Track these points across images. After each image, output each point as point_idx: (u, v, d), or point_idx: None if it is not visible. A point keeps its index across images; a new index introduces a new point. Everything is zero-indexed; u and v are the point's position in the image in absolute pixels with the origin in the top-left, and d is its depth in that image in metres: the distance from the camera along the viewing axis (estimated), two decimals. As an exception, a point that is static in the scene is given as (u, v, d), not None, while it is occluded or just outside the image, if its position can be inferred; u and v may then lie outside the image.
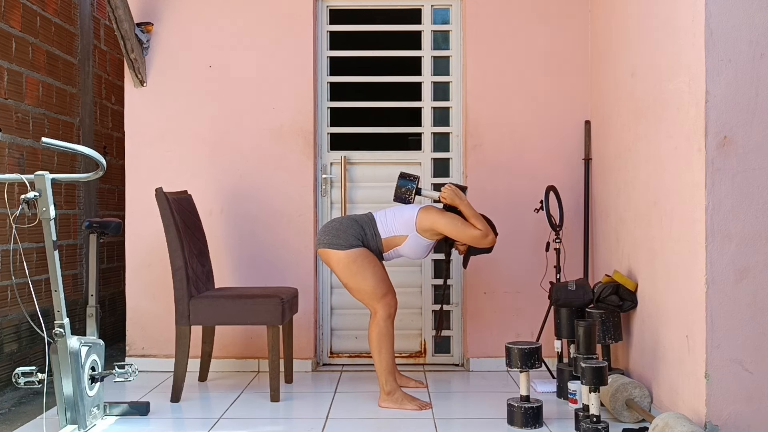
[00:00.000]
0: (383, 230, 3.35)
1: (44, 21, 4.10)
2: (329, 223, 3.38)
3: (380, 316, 3.29)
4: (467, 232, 3.29)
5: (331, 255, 3.29)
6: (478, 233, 3.29)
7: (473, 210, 3.35)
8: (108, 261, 4.92)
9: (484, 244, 3.32)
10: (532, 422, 2.98)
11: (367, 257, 3.29)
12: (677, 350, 2.86)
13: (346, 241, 3.27)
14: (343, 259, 3.26)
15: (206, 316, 3.42)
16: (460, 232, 3.30)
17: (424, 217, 3.32)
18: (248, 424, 3.11)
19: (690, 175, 2.74)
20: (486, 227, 3.30)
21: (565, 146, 4.12)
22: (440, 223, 3.30)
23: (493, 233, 3.32)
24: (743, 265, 2.61)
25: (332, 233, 3.30)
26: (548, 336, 3.88)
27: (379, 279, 3.30)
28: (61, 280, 2.78)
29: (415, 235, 3.33)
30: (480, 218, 3.33)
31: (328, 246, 3.29)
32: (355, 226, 3.33)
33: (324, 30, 4.25)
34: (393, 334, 3.33)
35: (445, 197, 3.38)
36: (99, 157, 2.85)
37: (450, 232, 3.31)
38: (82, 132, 4.55)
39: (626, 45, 3.51)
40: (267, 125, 4.13)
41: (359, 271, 3.26)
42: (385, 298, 3.30)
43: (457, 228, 3.30)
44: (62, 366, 2.79)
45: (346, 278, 3.29)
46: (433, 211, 3.35)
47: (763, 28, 2.60)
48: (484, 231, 3.29)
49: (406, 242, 3.34)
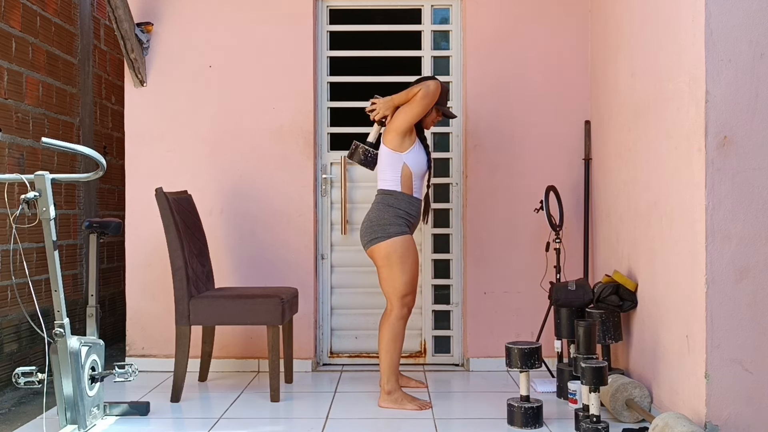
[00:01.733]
0: (393, 185, 3.34)
1: (44, 21, 4.10)
2: (362, 225, 3.38)
3: (395, 315, 3.30)
4: (415, 101, 3.31)
5: (375, 251, 3.31)
6: (421, 92, 3.31)
7: (402, 93, 3.38)
8: (108, 261, 4.93)
9: (434, 93, 3.33)
10: (532, 422, 2.98)
11: (408, 249, 3.30)
12: (677, 350, 2.86)
13: (384, 231, 3.28)
14: (384, 248, 3.28)
15: (206, 316, 3.43)
16: (409, 108, 3.32)
17: (386, 138, 3.37)
18: (248, 424, 3.11)
19: (690, 175, 2.74)
20: (420, 84, 3.34)
21: (565, 146, 4.12)
22: (395, 123, 3.34)
23: (430, 80, 3.36)
24: (743, 265, 2.60)
25: (369, 230, 3.32)
26: (548, 336, 3.88)
27: (410, 278, 3.31)
28: (61, 280, 2.78)
29: (400, 154, 3.33)
30: (410, 89, 3.35)
31: (372, 243, 3.31)
32: (381, 210, 3.33)
33: (324, 30, 4.25)
34: (404, 335, 3.35)
35: (378, 110, 3.41)
36: (99, 157, 2.85)
37: (406, 115, 3.32)
38: (82, 132, 4.55)
39: (626, 45, 3.51)
40: (267, 125, 4.13)
41: (397, 263, 3.28)
42: (405, 297, 3.31)
43: (405, 110, 3.33)
44: (62, 366, 2.79)
45: (383, 266, 3.31)
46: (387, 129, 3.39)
47: (763, 28, 2.60)
48: (422, 87, 3.32)
49: (405, 164, 3.34)
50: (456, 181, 4.22)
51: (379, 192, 3.40)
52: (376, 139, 3.49)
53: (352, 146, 3.50)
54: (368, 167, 3.49)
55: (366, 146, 3.46)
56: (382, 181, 3.39)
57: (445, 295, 4.25)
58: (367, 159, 3.47)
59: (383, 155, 3.38)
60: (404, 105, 3.35)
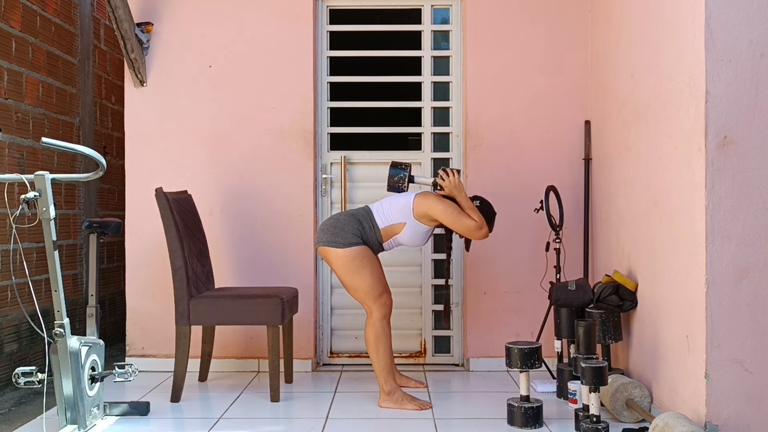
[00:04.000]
0: (381, 221, 3.34)
1: (44, 21, 4.10)
2: (328, 221, 3.37)
3: (376, 316, 3.29)
4: (462, 222, 3.29)
5: (330, 253, 3.29)
6: (473, 224, 3.28)
7: (470, 201, 3.35)
8: (108, 261, 4.93)
9: (477, 236, 3.31)
10: (532, 422, 2.98)
11: (366, 256, 3.29)
12: (677, 350, 2.86)
13: (345, 239, 3.27)
14: (342, 257, 3.26)
15: (206, 316, 3.43)
16: (455, 220, 3.29)
17: (421, 202, 3.31)
18: (248, 424, 3.11)
19: (690, 175, 2.74)
20: (481, 219, 3.30)
21: (565, 146, 4.12)
22: (436, 209, 3.29)
23: (486, 227, 3.32)
24: (743, 265, 2.61)
25: (331, 231, 3.30)
26: (548, 336, 3.88)
27: (376, 279, 3.30)
28: (61, 280, 2.78)
29: (413, 222, 3.32)
30: (476, 210, 3.32)
31: (327, 244, 3.29)
32: (352, 221, 3.32)
33: (324, 30, 4.25)
34: (390, 333, 3.33)
35: (444, 185, 3.37)
36: (99, 157, 2.85)
37: (445, 219, 3.30)
38: (82, 132, 4.55)
39: (626, 45, 3.51)
40: (267, 125, 4.13)
41: (357, 270, 3.26)
42: (380, 298, 3.30)
43: (452, 216, 3.29)
44: (62, 366, 2.79)
45: (344, 276, 3.29)
46: (430, 197, 3.34)
47: (763, 28, 2.60)
48: (479, 223, 3.29)
49: (404, 230, 3.33)
50: (456, 180, 4.22)
51: (366, 209, 3.39)
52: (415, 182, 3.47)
53: (402, 167, 3.44)
54: (390, 189, 3.47)
55: (409, 178, 3.43)
56: (380, 207, 3.37)
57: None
58: (398, 186, 3.44)
59: (402, 203, 3.34)
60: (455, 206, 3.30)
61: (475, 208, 3.33)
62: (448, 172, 3.38)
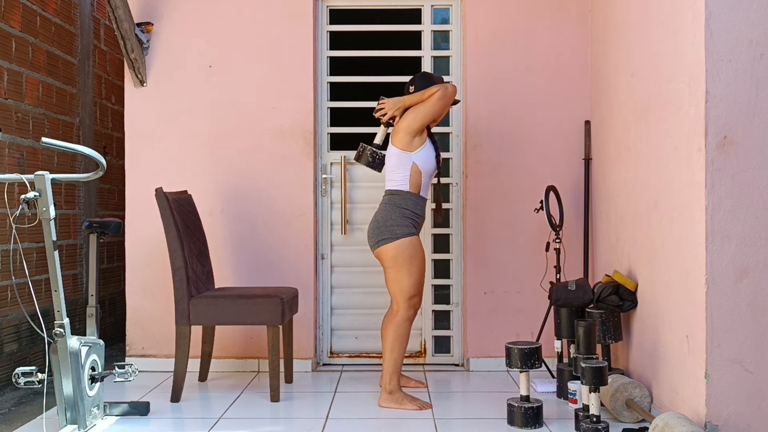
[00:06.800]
0: (401, 184, 3.33)
1: (44, 21, 4.10)
2: (369, 225, 3.37)
3: (402, 316, 3.30)
4: (429, 103, 3.30)
5: (382, 252, 3.30)
6: (437, 94, 3.30)
7: (416, 95, 3.36)
8: (108, 261, 4.93)
9: (450, 96, 3.33)
10: (532, 422, 2.98)
11: (414, 253, 3.29)
12: (677, 350, 2.86)
13: (391, 233, 3.28)
14: (391, 249, 3.27)
15: (206, 316, 3.43)
16: (425, 109, 3.31)
17: (396, 138, 3.34)
18: (248, 424, 3.11)
19: (690, 175, 2.74)
20: (438, 86, 3.32)
21: (565, 146, 4.12)
22: (407, 122, 3.32)
23: (444, 83, 3.34)
24: (743, 265, 2.61)
25: (375, 232, 3.31)
26: (548, 336, 3.88)
27: (417, 280, 3.31)
28: (61, 280, 2.78)
29: (410, 154, 3.32)
30: (426, 90, 3.34)
31: (377, 245, 3.30)
32: (387, 211, 3.32)
33: (324, 30, 4.25)
34: (409, 336, 3.35)
35: (385, 113, 3.40)
36: (99, 157, 2.85)
37: (420, 117, 3.30)
38: (82, 132, 4.55)
39: (626, 45, 3.51)
40: (267, 125, 4.13)
41: (404, 264, 3.28)
42: (412, 299, 3.31)
43: (420, 110, 3.32)
44: (62, 366, 2.79)
45: (390, 266, 3.30)
46: (395, 128, 3.37)
47: (763, 28, 2.60)
48: (438, 89, 3.31)
49: (415, 163, 3.32)
50: (456, 181, 4.22)
51: (387, 192, 3.39)
52: (383, 141, 3.49)
53: (359, 148, 3.49)
54: (375, 169, 3.49)
55: (373, 148, 3.46)
56: (390, 181, 3.39)
57: (445, 295, 4.25)
58: (375, 161, 3.46)
59: (391, 156, 3.37)
60: (418, 105, 3.34)
61: (423, 92, 3.34)
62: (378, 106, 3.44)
